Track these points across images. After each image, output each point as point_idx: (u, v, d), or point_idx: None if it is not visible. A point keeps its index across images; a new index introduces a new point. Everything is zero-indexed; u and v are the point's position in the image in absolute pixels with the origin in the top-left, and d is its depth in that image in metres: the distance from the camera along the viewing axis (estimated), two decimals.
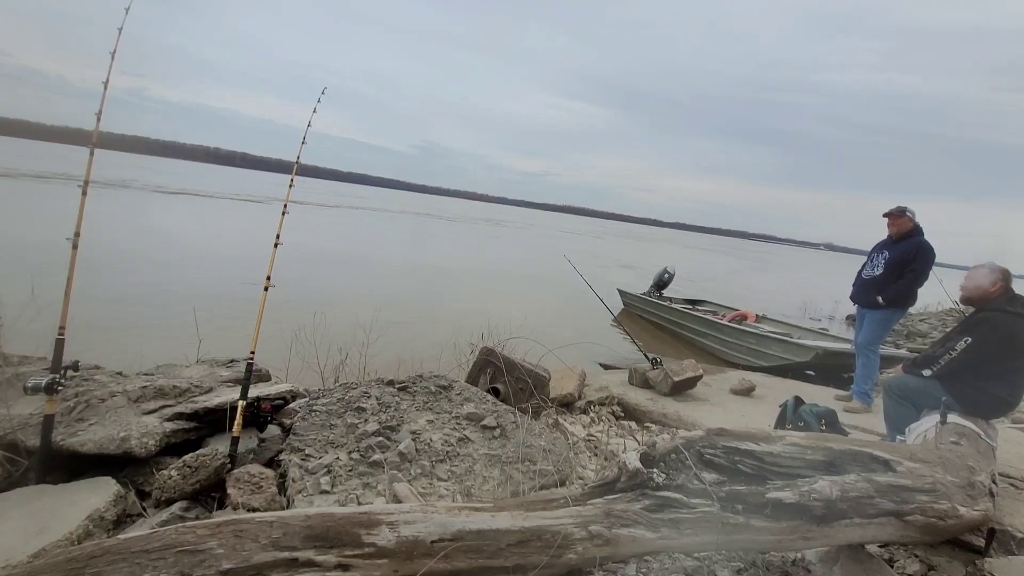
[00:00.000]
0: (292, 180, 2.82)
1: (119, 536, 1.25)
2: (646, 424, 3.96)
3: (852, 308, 4.87)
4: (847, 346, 6.28)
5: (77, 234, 2.12)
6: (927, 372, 2.74)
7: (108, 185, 23.62)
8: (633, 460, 1.56)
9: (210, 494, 2.13)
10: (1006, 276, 2.68)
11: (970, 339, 2.59)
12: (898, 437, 2.75)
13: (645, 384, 4.54)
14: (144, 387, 2.57)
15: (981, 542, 1.98)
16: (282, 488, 2.17)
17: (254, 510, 1.98)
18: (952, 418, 2.47)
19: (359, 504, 2.03)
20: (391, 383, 2.97)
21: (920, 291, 4.28)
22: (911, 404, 2.81)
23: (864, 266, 4.52)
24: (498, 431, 2.67)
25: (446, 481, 2.28)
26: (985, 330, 2.58)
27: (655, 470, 1.56)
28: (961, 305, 3.26)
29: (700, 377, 4.51)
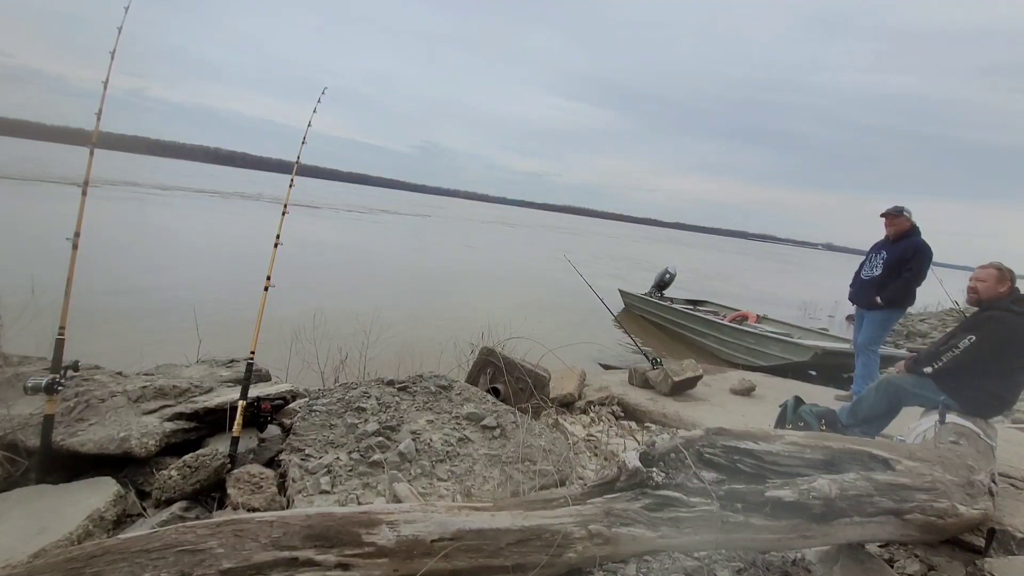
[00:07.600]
0: (292, 180, 2.82)
1: (119, 536, 1.25)
2: (646, 424, 3.97)
3: (852, 308, 4.88)
4: (846, 346, 6.28)
5: (77, 234, 2.12)
6: (928, 369, 2.74)
7: (111, 184, 23.61)
8: (633, 459, 1.56)
9: (210, 494, 2.13)
10: (1013, 277, 2.70)
11: (974, 337, 2.60)
12: (896, 438, 2.76)
13: (645, 384, 4.54)
14: (144, 387, 2.57)
15: (981, 542, 1.98)
16: (282, 488, 2.17)
17: (254, 510, 1.97)
18: (951, 418, 2.48)
19: (359, 504, 2.03)
20: (391, 383, 2.97)
21: (920, 291, 4.28)
22: (893, 403, 2.89)
23: (862, 266, 4.51)
24: (498, 431, 2.67)
25: (446, 481, 2.28)
26: (991, 328, 2.58)
27: (655, 469, 1.57)
28: (963, 304, 3.27)
29: (700, 377, 4.51)
